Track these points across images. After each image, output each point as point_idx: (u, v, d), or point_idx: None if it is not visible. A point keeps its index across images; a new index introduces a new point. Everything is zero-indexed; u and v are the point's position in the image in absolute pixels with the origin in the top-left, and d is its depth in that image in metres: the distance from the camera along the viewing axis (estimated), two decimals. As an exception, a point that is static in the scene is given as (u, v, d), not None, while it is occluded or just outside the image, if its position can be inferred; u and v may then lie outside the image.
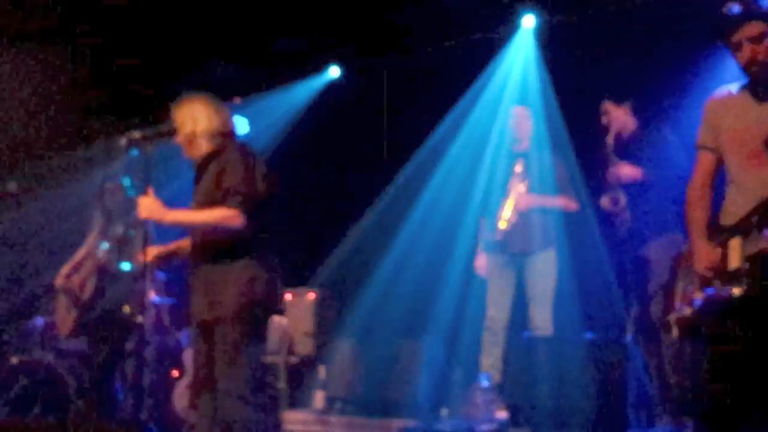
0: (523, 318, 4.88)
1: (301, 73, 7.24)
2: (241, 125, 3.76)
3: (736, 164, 2.90)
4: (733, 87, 2.97)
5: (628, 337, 4.23)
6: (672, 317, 3.03)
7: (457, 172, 5.87)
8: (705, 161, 3.02)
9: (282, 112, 7.23)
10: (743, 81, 2.92)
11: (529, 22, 6.11)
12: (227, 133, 3.57)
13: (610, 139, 4.66)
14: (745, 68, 2.83)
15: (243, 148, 3.55)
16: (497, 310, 4.93)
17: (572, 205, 4.97)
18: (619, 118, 4.69)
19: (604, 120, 4.73)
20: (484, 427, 3.99)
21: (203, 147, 3.53)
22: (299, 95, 7.27)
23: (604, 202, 4.59)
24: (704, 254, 2.88)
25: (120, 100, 7.32)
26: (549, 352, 4.08)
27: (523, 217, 4.91)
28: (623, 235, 4.60)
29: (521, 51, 6.20)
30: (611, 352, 3.91)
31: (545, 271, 4.88)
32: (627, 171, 4.52)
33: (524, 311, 4.89)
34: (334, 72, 7.22)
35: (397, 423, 4.21)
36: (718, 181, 3.04)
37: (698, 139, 3.06)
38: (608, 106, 4.73)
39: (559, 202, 4.96)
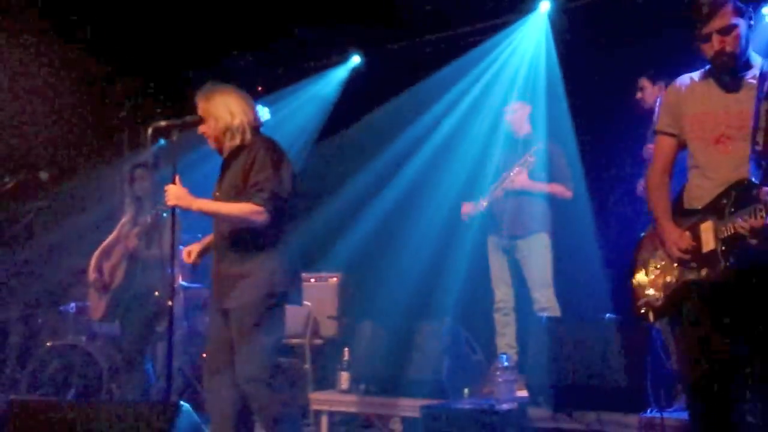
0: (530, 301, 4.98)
1: (320, 61, 7.30)
2: (263, 113, 3.82)
3: (702, 149, 2.93)
4: (696, 75, 3.03)
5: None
6: (643, 302, 3.06)
7: (473, 155, 5.93)
8: (665, 146, 3.07)
9: (312, 103, 7.30)
10: (705, 70, 2.98)
11: (545, 6, 6.15)
12: (256, 128, 3.65)
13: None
14: (713, 59, 2.88)
15: (271, 144, 3.60)
16: (502, 291, 5.08)
17: (567, 193, 5.06)
18: (654, 95, 4.70)
19: (639, 95, 4.76)
20: (505, 405, 4.04)
21: (235, 140, 3.59)
22: (327, 85, 7.33)
23: (641, 185, 4.60)
24: (676, 238, 2.90)
25: (144, 90, 7.43)
26: (568, 332, 4.13)
27: (515, 201, 5.04)
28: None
29: (534, 36, 6.23)
30: (631, 331, 3.95)
31: (537, 253, 4.98)
32: None
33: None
34: (355, 60, 7.29)
35: (420, 402, 4.27)
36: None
37: (658, 124, 3.11)
38: (645, 82, 4.75)
39: (554, 189, 5.05)
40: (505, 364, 4.21)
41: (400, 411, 4.55)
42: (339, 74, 7.32)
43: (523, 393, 4.24)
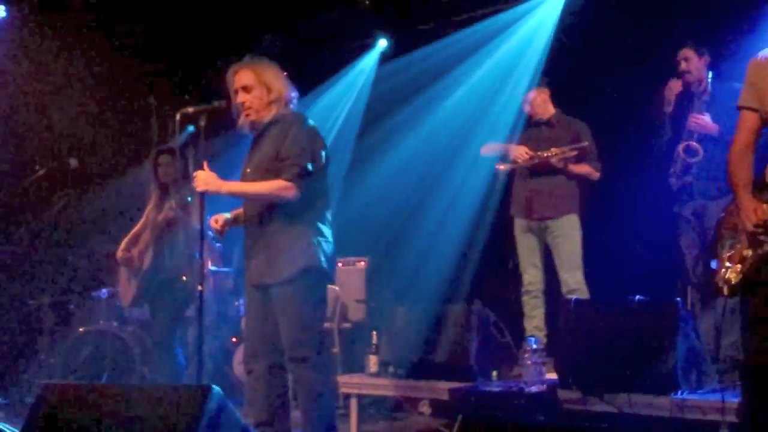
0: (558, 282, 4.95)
1: (346, 45, 7.28)
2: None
3: None
4: None
5: (678, 297, 4.22)
6: (720, 276, 3.03)
7: (500, 134, 5.90)
8: (748, 121, 3.03)
9: (347, 95, 7.30)
10: None
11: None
12: (288, 103, 3.65)
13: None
14: None
15: (304, 119, 3.62)
16: (533, 275, 5.05)
17: (595, 174, 5.02)
18: (699, 67, 4.60)
19: (683, 66, 4.63)
20: (534, 388, 4.03)
21: (270, 113, 3.59)
22: (358, 75, 7.33)
23: (680, 148, 4.54)
24: (751, 210, 2.88)
25: (172, 77, 7.47)
26: (599, 314, 4.09)
27: (545, 182, 5.00)
28: (677, 189, 4.58)
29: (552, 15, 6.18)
30: (660, 312, 3.91)
31: (568, 234, 4.95)
32: (706, 123, 4.47)
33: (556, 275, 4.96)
34: (382, 44, 7.27)
35: (449, 385, 4.28)
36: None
37: (741, 100, 3.06)
38: (689, 52, 4.63)
39: (582, 170, 5.01)
40: (534, 346, 4.20)
41: (428, 394, 4.55)
42: (369, 62, 7.31)
43: (552, 375, 4.21)
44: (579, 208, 5.02)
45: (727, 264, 3.02)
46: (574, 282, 4.85)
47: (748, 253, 2.92)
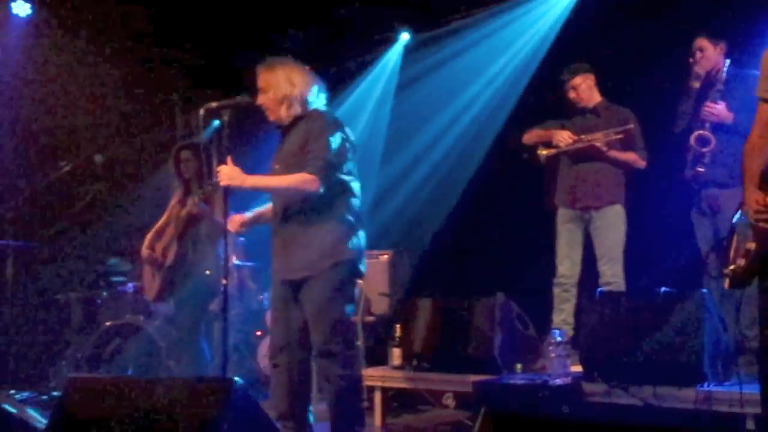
0: (595, 274, 4.89)
1: (369, 39, 7.28)
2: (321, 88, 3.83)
3: None
4: None
5: (704, 289, 4.19)
6: (728, 269, 3.01)
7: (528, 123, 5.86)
8: (763, 112, 2.99)
9: (375, 86, 7.32)
10: None
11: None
12: (304, 101, 3.67)
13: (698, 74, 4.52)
14: None
15: (329, 114, 3.65)
16: (567, 267, 4.94)
17: (641, 162, 4.92)
18: (715, 57, 4.52)
19: (697, 56, 4.55)
20: (558, 381, 4.01)
21: (294, 110, 3.63)
22: (385, 67, 7.34)
23: (692, 138, 4.47)
24: (753, 200, 2.85)
25: (196, 72, 7.52)
26: (624, 305, 4.07)
27: (589, 170, 4.88)
28: (690, 178, 4.53)
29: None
30: (685, 304, 3.87)
31: (612, 225, 4.84)
32: (720, 111, 4.39)
33: (594, 267, 4.90)
34: (404, 37, 7.27)
35: (472, 378, 4.28)
36: None
37: (758, 90, 3.03)
38: (704, 42, 4.54)
39: (629, 158, 4.91)
40: (558, 339, 4.18)
41: (452, 387, 4.55)
42: (393, 56, 7.30)
43: (577, 368, 4.19)
44: (624, 198, 4.91)
45: (736, 257, 2.99)
46: (611, 274, 4.76)
47: (752, 246, 2.89)
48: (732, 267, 2.98)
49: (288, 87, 3.62)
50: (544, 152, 4.94)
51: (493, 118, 6.44)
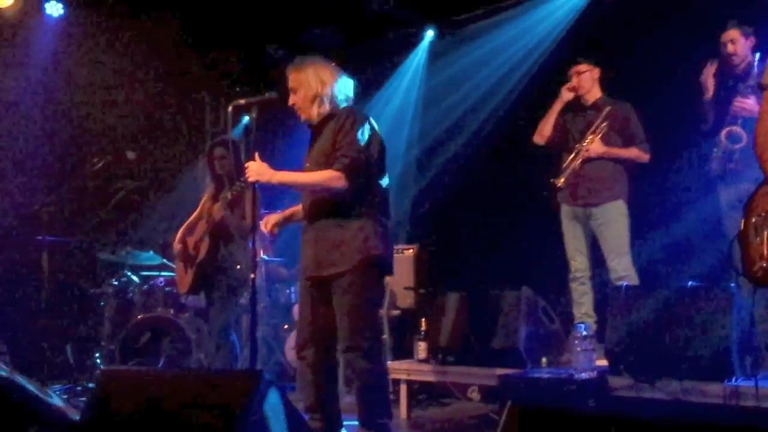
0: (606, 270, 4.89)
1: (395, 34, 7.31)
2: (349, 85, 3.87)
3: None
4: None
5: (732, 283, 4.16)
6: (759, 266, 2.88)
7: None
8: None
9: (403, 84, 7.34)
10: None
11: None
12: (335, 99, 3.70)
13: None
14: None
15: (358, 112, 3.67)
16: (578, 261, 4.97)
17: (644, 156, 4.89)
18: (747, 48, 4.45)
19: (729, 48, 4.48)
20: (584, 375, 4.01)
21: (324, 108, 3.66)
22: (411, 64, 7.36)
23: (722, 134, 4.42)
24: None
25: (226, 69, 7.59)
26: (650, 300, 4.05)
27: (592, 168, 4.88)
28: (718, 174, 4.48)
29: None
30: (714, 298, 3.85)
31: (613, 221, 4.84)
32: (753, 106, 4.32)
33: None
34: (430, 34, 7.29)
35: (498, 371, 4.29)
36: None
37: (764, 79, 2.98)
38: (735, 33, 4.47)
39: (632, 154, 4.89)
40: (584, 333, 4.17)
41: (477, 380, 4.58)
42: (419, 52, 7.32)
43: (603, 362, 4.19)
44: (626, 193, 4.91)
45: (764, 253, 2.86)
46: (622, 269, 4.76)
47: None
48: (765, 264, 2.87)
49: (318, 85, 3.64)
50: (561, 179, 4.92)
51: (515, 110, 6.43)
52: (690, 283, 4.20)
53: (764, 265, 2.87)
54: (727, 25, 4.52)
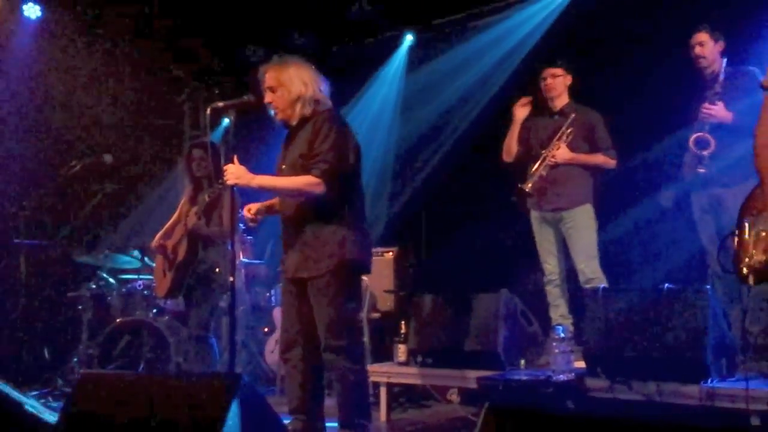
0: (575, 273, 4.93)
1: (374, 40, 7.31)
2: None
3: None
4: None
5: (708, 285, 4.20)
6: (747, 264, 2.96)
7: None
8: None
9: (381, 88, 7.36)
10: None
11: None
12: (324, 100, 3.70)
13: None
14: None
15: (336, 116, 3.67)
16: (551, 264, 5.01)
17: (610, 162, 4.94)
18: (715, 52, 4.46)
19: (698, 51, 4.49)
20: (562, 376, 4.04)
21: (306, 109, 3.65)
22: (390, 69, 7.37)
23: (691, 140, 4.43)
24: None
25: (204, 72, 7.57)
26: (627, 302, 4.08)
27: (559, 173, 4.92)
28: (688, 179, 4.52)
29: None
30: (689, 300, 3.88)
31: (582, 225, 4.88)
32: (719, 112, 4.34)
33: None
34: (409, 39, 7.31)
35: (476, 374, 4.31)
36: None
37: (765, 81, 3.02)
38: (704, 36, 4.48)
39: (599, 160, 4.94)
40: (561, 335, 4.21)
41: (457, 382, 4.59)
42: (398, 57, 7.35)
43: (580, 364, 4.22)
44: (593, 197, 4.95)
45: (753, 251, 2.95)
46: (590, 272, 4.80)
47: None
48: (750, 261, 2.93)
49: (302, 86, 3.63)
50: (529, 185, 4.95)
51: (493, 114, 6.46)
52: (666, 285, 4.23)
53: (747, 262, 2.93)
54: (697, 28, 4.54)
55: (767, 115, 3.02)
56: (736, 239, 3.06)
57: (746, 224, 3.03)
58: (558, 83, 5.05)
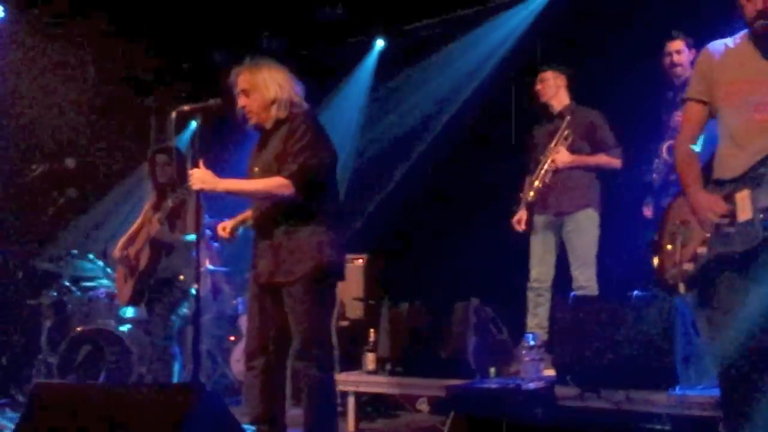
0: (570, 278, 4.90)
1: (344, 44, 7.28)
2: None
3: (737, 118, 2.82)
4: (729, 41, 2.91)
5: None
6: (672, 274, 2.92)
7: (501, 131, 5.87)
8: (697, 113, 2.97)
9: (352, 92, 7.32)
10: (741, 35, 2.87)
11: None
12: (298, 102, 3.64)
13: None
14: (755, 19, 2.74)
15: (311, 118, 3.61)
16: (541, 271, 4.93)
17: (614, 162, 4.88)
18: (690, 59, 4.45)
19: (675, 58, 4.50)
20: (531, 385, 4.03)
21: (281, 112, 3.59)
22: (361, 73, 7.34)
23: (663, 148, 4.44)
24: (711, 203, 2.79)
25: (171, 75, 7.48)
26: (596, 309, 4.08)
27: (561, 177, 4.86)
28: (659, 186, 4.53)
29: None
30: (658, 308, 3.89)
31: (585, 230, 4.84)
32: None
33: (569, 271, 4.92)
34: (380, 44, 7.29)
35: (446, 382, 4.28)
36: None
37: (689, 91, 3.00)
38: (680, 44, 4.48)
39: (602, 161, 4.89)
40: (531, 343, 4.19)
41: (426, 391, 4.56)
42: (369, 62, 7.33)
43: (550, 372, 4.20)
44: (597, 201, 4.89)
45: (680, 260, 2.89)
46: (584, 279, 4.77)
47: (703, 251, 2.82)
48: (678, 270, 2.89)
49: (277, 89, 3.57)
50: (531, 193, 4.92)
51: (467, 120, 6.45)
52: (635, 292, 4.24)
53: (675, 272, 2.89)
54: (672, 35, 4.54)
55: (687, 126, 3.02)
56: (659, 250, 3.00)
57: (669, 234, 2.98)
58: (547, 87, 5.01)
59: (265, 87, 3.57)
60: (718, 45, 2.95)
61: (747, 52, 2.84)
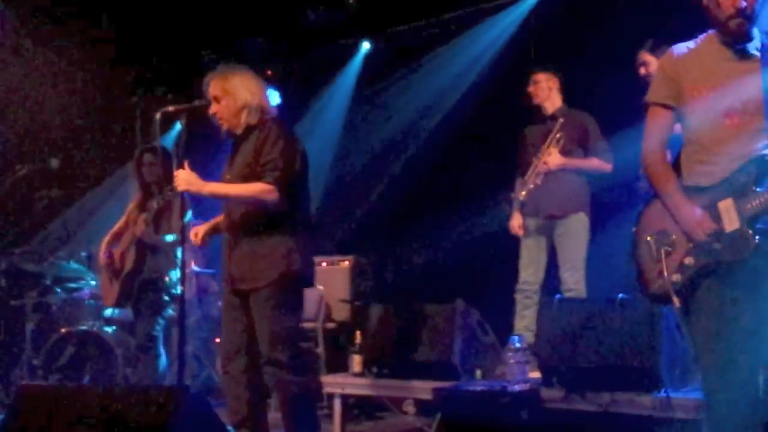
0: (557, 280, 4.91)
1: (330, 45, 7.28)
2: (273, 97, 3.83)
3: (705, 122, 2.75)
4: (692, 44, 2.85)
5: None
6: (658, 285, 2.81)
7: (492, 133, 5.87)
8: (664, 118, 2.87)
9: (335, 95, 7.31)
10: (705, 38, 2.82)
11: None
12: (268, 108, 3.65)
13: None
14: (727, 21, 2.69)
15: (283, 124, 3.63)
16: (531, 274, 4.93)
17: (605, 166, 4.89)
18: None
19: (642, 71, 4.47)
20: (517, 387, 4.02)
21: (250, 119, 3.60)
22: (344, 76, 7.33)
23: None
24: (699, 219, 2.71)
25: (156, 76, 7.44)
26: (581, 312, 4.08)
27: (553, 180, 4.85)
28: (645, 191, 4.54)
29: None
30: (643, 311, 3.90)
31: (576, 234, 4.84)
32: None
33: (557, 273, 4.93)
34: (366, 46, 7.28)
35: (433, 384, 4.26)
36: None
37: (653, 95, 2.90)
38: (647, 56, 4.46)
39: (593, 164, 4.90)
40: (517, 345, 4.19)
41: (412, 393, 4.55)
42: (352, 66, 7.32)
43: (536, 374, 4.21)
44: (588, 206, 4.89)
45: (665, 271, 2.77)
46: (573, 282, 4.77)
47: (690, 261, 2.75)
48: (666, 282, 2.78)
49: (247, 95, 3.58)
50: (522, 193, 4.93)
51: (453, 123, 6.46)
52: (620, 295, 4.25)
53: (662, 282, 2.79)
54: (643, 45, 4.51)
55: (655, 132, 2.90)
56: (639, 260, 2.91)
57: (645, 244, 2.86)
58: (540, 89, 5.01)
59: (236, 93, 3.58)
60: (681, 48, 2.88)
61: (715, 55, 2.78)
